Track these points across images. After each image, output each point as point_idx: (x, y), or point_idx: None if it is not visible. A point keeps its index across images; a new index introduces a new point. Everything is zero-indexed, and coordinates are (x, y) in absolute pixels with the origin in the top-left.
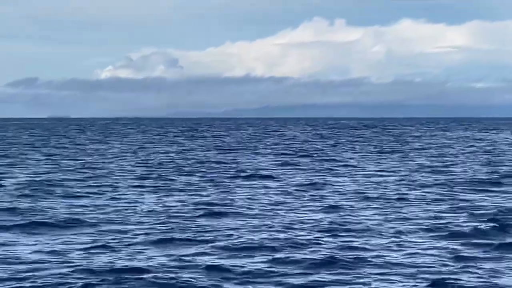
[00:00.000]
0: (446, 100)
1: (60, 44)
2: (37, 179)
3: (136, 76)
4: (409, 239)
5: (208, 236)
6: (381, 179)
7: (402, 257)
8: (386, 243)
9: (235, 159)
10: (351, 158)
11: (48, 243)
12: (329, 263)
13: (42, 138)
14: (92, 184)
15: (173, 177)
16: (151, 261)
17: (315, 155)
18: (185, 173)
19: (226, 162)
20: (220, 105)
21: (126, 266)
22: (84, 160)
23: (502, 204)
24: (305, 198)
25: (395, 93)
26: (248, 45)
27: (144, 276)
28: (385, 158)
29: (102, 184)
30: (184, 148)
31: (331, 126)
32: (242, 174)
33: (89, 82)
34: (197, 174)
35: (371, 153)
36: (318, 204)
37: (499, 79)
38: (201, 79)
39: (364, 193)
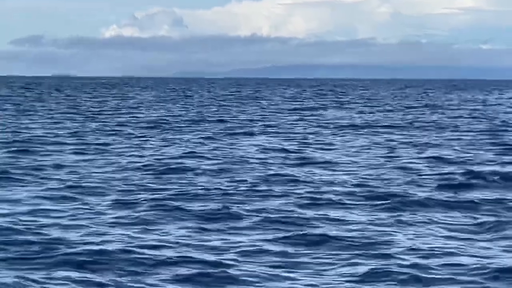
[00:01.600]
0: (452, 62)
1: (66, 0)
2: None
3: (141, 35)
4: None
5: None
6: None
7: None
8: None
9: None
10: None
11: None
12: None
13: None
14: None
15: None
16: None
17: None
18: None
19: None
20: (225, 65)
21: None
22: None
23: None
24: None
25: (401, 54)
26: (254, 4)
27: None
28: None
29: None
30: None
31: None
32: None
33: (94, 40)
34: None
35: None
36: None
37: (506, 41)
38: (206, 38)
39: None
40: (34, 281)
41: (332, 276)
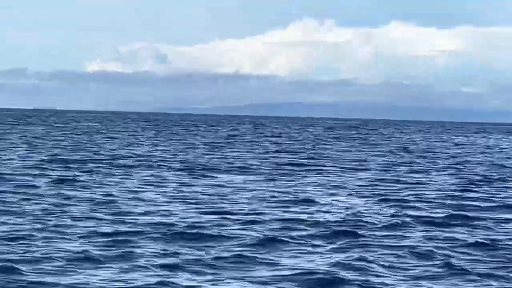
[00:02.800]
0: (434, 103)
1: (50, 34)
2: None
3: (125, 70)
4: None
5: None
6: None
7: None
8: None
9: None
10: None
11: None
12: None
13: None
14: None
15: None
16: None
17: None
18: None
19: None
20: (207, 102)
21: None
22: None
23: None
24: None
25: (383, 94)
26: (237, 43)
27: None
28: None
29: None
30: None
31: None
32: None
33: (77, 74)
34: None
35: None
36: None
37: (486, 84)
38: (189, 75)
39: None
40: None
41: None
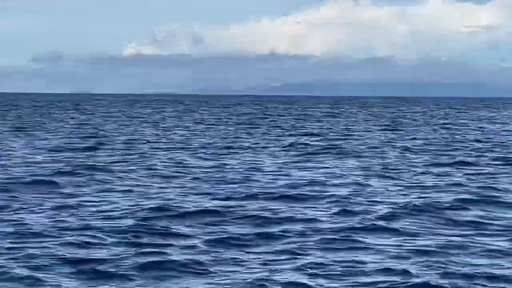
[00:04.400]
0: (471, 79)
1: (85, 18)
2: None
3: (160, 52)
4: None
5: None
6: None
7: None
8: None
9: None
10: None
11: None
12: None
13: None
14: None
15: None
16: None
17: None
18: None
19: None
20: (243, 83)
21: None
22: None
23: None
24: None
25: (420, 72)
26: (272, 22)
27: None
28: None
29: None
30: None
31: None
32: None
33: (114, 58)
34: None
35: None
36: None
37: None
38: (225, 56)
39: None
40: None
41: None
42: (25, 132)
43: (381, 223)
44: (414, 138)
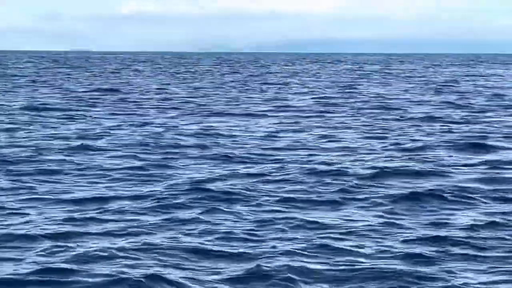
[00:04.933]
0: (474, 36)
1: None
2: None
3: (159, 10)
4: None
5: None
6: None
7: None
8: None
9: None
10: None
11: None
12: None
13: None
14: None
15: None
16: None
17: None
18: None
19: None
20: (243, 40)
21: None
22: None
23: None
24: None
25: (421, 29)
26: None
27: None
28: None
29: None
30: None
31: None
32: None
33: (112, 16)
34: None
35: None
36: None
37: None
38: (224, 14)
39: None
40: None
41: None
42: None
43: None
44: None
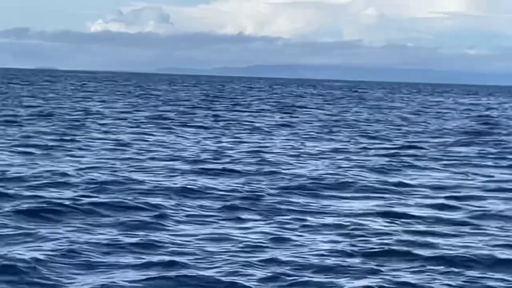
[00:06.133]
0: (438, 66)
1: None
2: None
3: (127, 30)
4: None
5: None
6: None
7: None
8: None
9: None
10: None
11: None
12: None
13: None
14: None
15: None
16: None
17: None
18: None
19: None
20: (209, 63)
21: None
22: None
23: None
24: None
25: (387, 57)
26: (240, 3)
27: None
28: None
29: None
30: None
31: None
32: None
33: (80, 35)
34: None
35: None
36: None
37: (491, 47)
38: (192, 36)
39: None
40: None
41: None
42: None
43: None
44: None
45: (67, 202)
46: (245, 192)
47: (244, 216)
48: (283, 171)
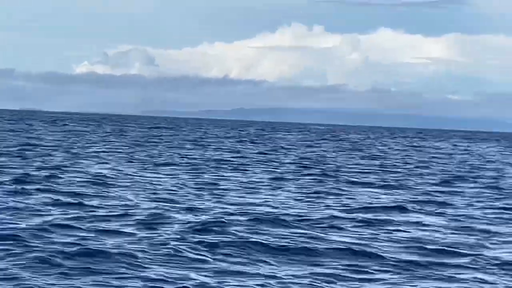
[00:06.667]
0: (421, 111)
1: (37, 35)
2: None
3: (112, 72)
4: None
5: None
6: None
7: None
8: None
9: None
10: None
11: None
12: None
13: None
14: None
15: None
16: None
17: None
18: None
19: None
20: (195, 105)
21: None
22: None
23: None
24: None
25: (371, 101)
26: (226, 47)
27: None
28: None
29: None
30: None
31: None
32: None
33: (65, 76)
34: None
35: None
36: None
37: (473, 93)
38: (178, 78)
39: None
40: None
41: None
42: None
43: None
44: None
45: None
46: None
47: None
48: None
